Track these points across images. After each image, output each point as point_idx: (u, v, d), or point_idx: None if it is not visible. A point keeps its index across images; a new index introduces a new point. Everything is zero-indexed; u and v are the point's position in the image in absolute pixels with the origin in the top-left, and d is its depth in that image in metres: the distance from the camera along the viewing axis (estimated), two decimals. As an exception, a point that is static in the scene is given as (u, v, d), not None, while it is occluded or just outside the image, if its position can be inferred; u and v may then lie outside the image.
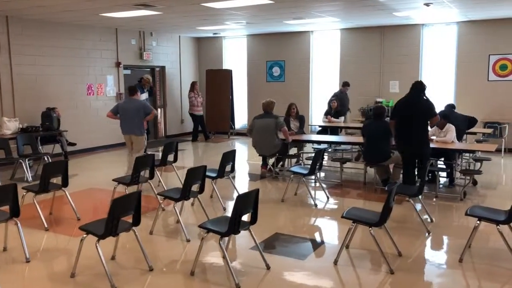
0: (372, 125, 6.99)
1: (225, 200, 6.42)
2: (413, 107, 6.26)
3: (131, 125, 7.54)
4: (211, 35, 13.44)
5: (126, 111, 7.56)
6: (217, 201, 6.25)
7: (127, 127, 7.59)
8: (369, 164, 7.07)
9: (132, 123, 7.52)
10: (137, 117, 7.50)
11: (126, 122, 7.56)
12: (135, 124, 7.51)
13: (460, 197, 6.49)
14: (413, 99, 6.34)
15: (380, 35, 11.61)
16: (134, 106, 7.55)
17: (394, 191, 4.25)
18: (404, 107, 6.35)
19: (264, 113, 7.86)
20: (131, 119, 7.50)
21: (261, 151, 7.85)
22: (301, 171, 6.35)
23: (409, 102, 6.35)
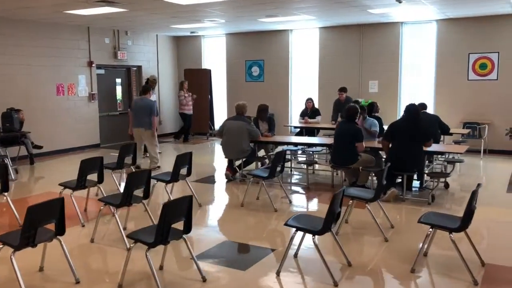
0: (342, 127, 6.70)
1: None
2: (412, 130, 6.11)
3: (140, 120, 8.37)
4: (188, 33, 13.14)
5: (136, 107, 8.52)
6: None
7: (137, 121, 8.43)
8: (335, 166, 6.78)
9: (142, 118, 8.35)
10: (146, 114, 8.35)
11: (137, 117, 8.42)
12: (144, 119, 8.34)
13: (428, 201, 6.21)
14: (412, 122, 6.16)
15: (359, 33, 11.33)
16: (144, 103, 8.46)
17: (341, 195, 3.96)
18: (401, 129, 6.15)
19: (237, 115, 7.57)
20: (141, 115, 8.35)
21: (228, 155, 7.55)
22: (261, 174, 6.06)
23: (407, 125, 6.15)
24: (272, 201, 6.22)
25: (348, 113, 6.64)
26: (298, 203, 6.32)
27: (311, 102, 10.71)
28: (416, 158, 6.15)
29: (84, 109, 11.22)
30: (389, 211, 5.92)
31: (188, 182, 6.13)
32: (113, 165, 6.60)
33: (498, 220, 5.68)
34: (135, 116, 8.45)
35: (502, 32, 9.87)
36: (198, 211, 6.01)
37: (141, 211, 5.36)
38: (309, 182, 7.39)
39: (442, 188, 7.03)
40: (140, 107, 8.42)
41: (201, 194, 7.02)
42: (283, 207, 6.14)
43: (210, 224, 5.58)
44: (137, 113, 8.42)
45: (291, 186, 7.35)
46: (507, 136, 9.66)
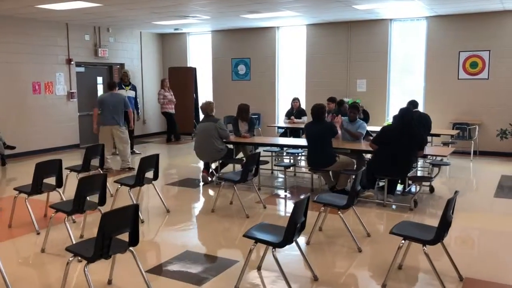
0: (313, 127, 6.35)
1: (150, 212, 5.78)
2: (406, 138, 5.77)
3: (114, 117, 7.99)
4: (174, 31, 12.78)
5: (107, 103, 8.04)
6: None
7: (109, 119, 8.01)
8: (312, 169, 6.43)
9: (115, 115, 8.00)
10: (120, 109, 8.04)
11: (109, 114, 8.00)
12: (118, 115, 8.02)
13: (410, 207, 5.87)
14: (406, 130, 5.81)
15: (346, 31, 10.98)
16: (116, 99, 8.08)
17: (303, 203, 3.61)
18: (395, 136, 5.82)
19: (205, 116, 7.21)
20: (114, 111, 7.98)
21: (201, 157, 7.21)
22: (233, 177, 5.70)
23: (401, 133, 5.81)
24: (246, 206, 5.87)
25: (315, 113, 6.28)
26: (272, 209, 5.96)
27: (297, 102, 10.37)
28: (406, 165, 5.80)
29: (62, 108, 10.85)
30: (368, 217, 5.60)
31: (155, 186, 5.76)
32: (78, 168, 6.24)
33: (481, 228, 5.34)
34: (107, 113, 8.04)
35: (493, 30, 9.53)
36: (166, 216, 5.66)
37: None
38: (287, 186, 7.04)
39: (427, 192, 6.70)
40: (112, 103, 8.02)
41: (172, 198, 6.70)
42: (256, 213, 5.78)
43: (174, 232, 5.21)
44: (109, 110, 8.02)
45: (269, 189, 6.99)
46: (498, 137, 9.33)
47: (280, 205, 6.29)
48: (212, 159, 7.16)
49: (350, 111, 7.04)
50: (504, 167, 8.64)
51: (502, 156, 9.53)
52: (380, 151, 5.93)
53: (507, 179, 7.64)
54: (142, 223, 5.34)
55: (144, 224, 5.32)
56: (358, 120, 7.11)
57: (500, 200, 6.37)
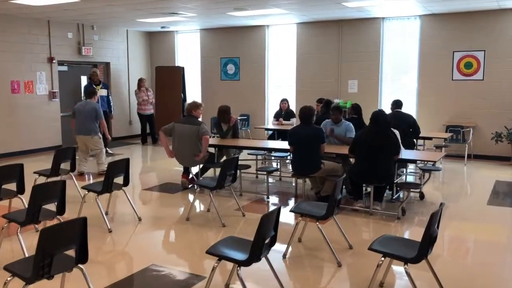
0: (300, 131, 6.00)
1: (119, 220, 5.42)
2: (379, 142, 5.44)
3: (86, 126, 7.73)
4: (161, 29, 12.41)
5: (80, 112, 7.80)
6: (100, 222, 5.18)
7: (81, 128, 7.77)
8: (297, 175, 6.08)
9: (87, 124, 7.72)
10: (91, 119, 7.74)
11: (81, 124, 7.77)
12: (90, 125, 7.74)
13: (397, 215, 5.52)
14: (380, 133, 5.49)
15: (338, 30, 10.64)
16: (89, 108, 7.79)
17: (272, 216, 3.27)
18: (367, 141, 5.48)
19: (187, 116, 6.81)
20: (86, 121, 7.72)
21: (181, 162, 6.82)
22: (209, 183, 5.34)
23: (374, 136, 5.48)
24: (223, 214, 5.54)
25: (304, 115, 5.94)
26: (252, 217, 5.60)
27: (286, 103, 10.04)
28: (383, 171, 5.45)
29: (43, 108, 10.48)
30: (352, 226, 5.27)
31: (125, 192, 5.40)
32: (47, 172, 5.89)
33: (472, 239, 5.00)
34: (79, 123, 7.78)
35: (488, 29, 9.20)
36: (136, 225, 5.30)
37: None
38: (270, 192, 6.70)
39: (417, 199, 6.36)
40: (85, 113, 7.75)
41: (147, 204, 6.35)
42: (234, 221, 5.43)
43: (141, 242, 4.83)
44: (81, 119, 7.75)
45: (252, 195, 6.64)
46: (493, 140, 9.00)
47: (260, 213, 5.90)
48: (193, 164, 6.80)
49: (333, 113, 6.68)
50: (498, 171, 8.30)
51: (497, 160, 9.20)
52: (357, 158, 5.59)
53: (501, 185, 7.30)
54: (110, 233, 4.99)
55: (111, 234, 4.97)
56: (343, 122, 6.76)
57: (493, 208, 6.03)
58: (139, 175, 8.43)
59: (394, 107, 7.66)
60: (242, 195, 6.56)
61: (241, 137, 11.40)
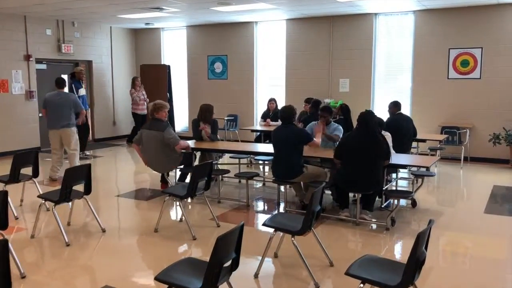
0: (280, 132, 5.53)
1: (81, 232, 4.94)
2: (368, 146, 4.98)
3: (60, 119, 7.13)
4: (146, 26, 11.92)
5: (55, 104, 7.18)
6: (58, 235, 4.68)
7: (55, 121, 7.16)
8: (277, 180, 5.60)
9: (63, 117, 7.14)
10: (68, 110, 7.20)
11: (55, 116, 7.16)
12: (66, 117, 7.17)
13: (386, 226, 5.05)
14: (369, 136, 5.02)
15: (329, 26, 10.17)
16: (64, 98, 7.24)
17: (233, 236, 2.79)
18: (354, 144, 5.03)
19: (152, 120, 6.12)
20: (61, 113, 7.14)
21: (154, 169, 6.29)
22: (179, 191, 4.86)
23: (362, 140, 5.02)
24: (197, 224, 5.08)
25: (284, 116, 5.48)
26: (227, 228, 5.10)
27: (273, 103, 9.56)
28: (371, 178, 4.99)
29: (20, 109, 9.99)
30: (336, 239, 4.81)
31: (88, 201, 4.92)
32: (5, 178, 5.40)
33: (467, 254, 4.53)
34: (53, 115, 7.18)
35: (486, 25, 8.73)
36: (100, 238, 4.82)
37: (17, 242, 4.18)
38: (252, 198, 6.22)
39: (409, 207, 5.90)
40: (59, 104, 7.16)
41: (116, 213, 5.88)
42: (207, 233, 4.95)
43: (98, 260, 4.31)
44: (56, 111, 7.15)
45: (231, 203, 6.15)
46: (491, 142, 8.54)
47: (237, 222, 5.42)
48: (167, 169, 6.30)
49: (321, 115, 6.21)
50: (497, 175, 7.85)
51: (495, 163, 8.74)
52: (343, 163, 5.13)
53: (499, 190, 6.84)
54: (68, 247, 4.51)
55: (68, 248, 4.48)
56: (332, 123, 6.31)
57: (491, 217, 5.57)
58: (116, 180, 7.97)
59: (394, 109, 7.20)
60: (220, 202, 6.09)
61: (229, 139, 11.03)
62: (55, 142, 7.29)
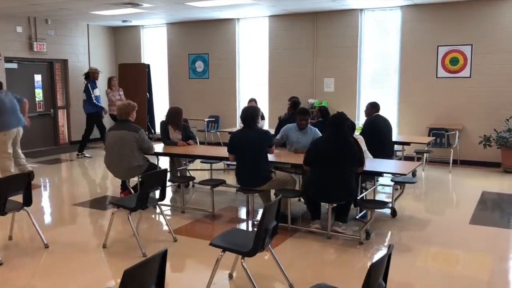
0: (242, 136, 5.07)
1: (21, 248, 4.46)
2: (339, 151, 4.52)
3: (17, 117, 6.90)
4: (123, 23, 11.43)
5: (5, 104, 6.80)
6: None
7: (13, 120, 6.85)
8: (243, 188, 5.13)
9: (17, 115, 6.92)
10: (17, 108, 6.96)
11: (12, 115, 6.85)
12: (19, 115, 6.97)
13: (360, 240, 4.59)
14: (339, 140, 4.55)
15: (312, 23, 9.69)
16: (11, 97, 6.97)
17: (160, 259, 2.33)
18: (324, 149, 4.57)
19: (120, 121, 5.71)
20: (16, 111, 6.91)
21: (114, 174, 5.80)
22: (128, 203, 4.38)
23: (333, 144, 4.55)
24: (151, 239, 4.63)
25: (246, 118, 5.03)
26: (185, 243, 4.65)
27: (254, 103, 9.05)
28: (343, 186, 4.53)
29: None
30: (302, 254, 4.36)
31: (29, 213, 4.43)
32: None
33: (447, 273, 4.06)
34: (10, 115, 6.79)
35: (476, 21, 8.26)
36: (42, 255, 4.34)
37: None
38: (217, 209, 5.74)
39: (388, 216, 5.43)
40: (11, 103, 6.84)
41: (65, 225, 5.38)
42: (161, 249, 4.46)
43: (33, 283, 3.86)
44: (11, 111, 6.81)
45: (195, 213, 5.68)
46: (481, 144, 8.08)
47: (198, 237, 4.94)
48: (128, 177, 5.81)
49: (299, 118, 5.72)
50: (486, 180, 7.39)
51: (486, 166, 8.28)
52: (313, 170, 4.67)
53: (488, 197, 6.39)
54: (1, 265, 4.03)
55: (1, 268, 4.01)
56: (310, 128, 5.82)
57: (476, 228, 5.11)
58: (79, 186, 7.48)
59: (373, 110, 6.74)
60: (184, 212, 5.62)
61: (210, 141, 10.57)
62: (8, 145, 6.78)
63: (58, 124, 11.12)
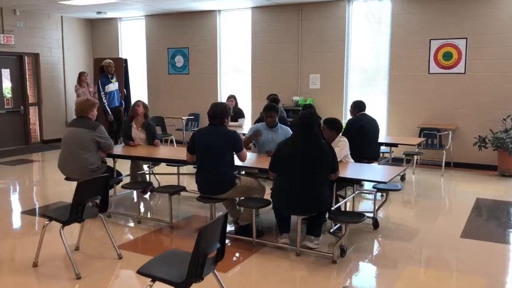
0: (206, 135, 4.45)
1: None
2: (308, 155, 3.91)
3: None
4: (98, 15, 10.77)
5: None
6: None
7: None
8: (203, 197, 4.51)
9: None
10: None
11: None
12: None
13: (333, 258, 3.97)
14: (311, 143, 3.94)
15: (297, 15, 9.07)
16: None
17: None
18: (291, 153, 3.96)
19: (78, 118, 5.22)
20: None
21: (66, 173, 5.23)
22: (59, 216, 3.75)
23: (303, 146, 3.94)
24: (94, 254, 4.01)
25: (214, 114, 4.42)
26: (131, 260, 4.02)
27: (233, 101, 8.44)
28: (313, 196, 3.91)
29: (-51, 107, 8.88)
30: (264, 276, 3.72)
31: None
32: None
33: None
34: None
35: (471, 12, 7.65)
36: (-39, 274, 3.72)
37: None
38: (178, 218, 5.12)
39: (370, 228, 4.82)
40: None
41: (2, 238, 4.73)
42: (100, 269, 3.85)
43: None
44: None
45: (152, 223, 5.04)
46: (476, 146, 7.48)
47: (149, 251, 4.30)
48: (79, 178, 5.16)
49: (265, 115, 5.17)
50: (482, 185, 6.79)
51: (481, 169, 7.68)
52: (279, 178, 4.06)
53: (482, 205, 5.79)
54: None
55: None
56: (280, 126, 5.24)
57: (467, 242, 4.50)
58: (38, 190, 6.87)
59: (357, 110, 6.15)
60: (141, 223, 5.00)
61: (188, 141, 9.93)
62: None
63: (29, 122, 10.47)
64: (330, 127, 4.72)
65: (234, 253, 4.19)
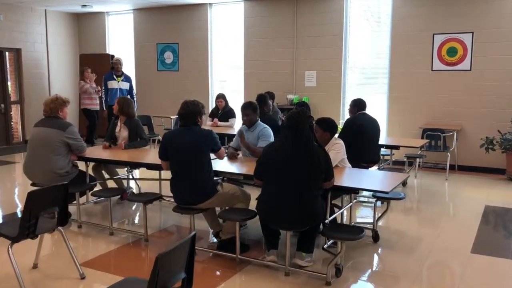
0: (177, 136, 3.94)
1: None
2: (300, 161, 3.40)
3: None
4: (83, 9, 10.23)
5: None
6: None
7: None
8: (180, 207, 3.99)
9: None
10: None
11: None
12: None
13: (327, 279, 3.46)
14: (302, 147, 3.42)
15: (292, 9, 8.56)
16: None
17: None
18: (282, 158, 3.44)
19: (46, 118, 4.74)
20: None
21: (32, 178, 4.72)
22: (8, 232, 3.23)
23: (292, 150, 3.42)
24: (52, 275, 3.47)
25: (186, 114, 3.92)
26: (93, 282, 3.51)
27: (222, 101, 7.93)
28: (304, 207, 3.40)
29: None
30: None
31: None
32: None
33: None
34: None
35: (478, 4, 7.15)
36: None
37: None
38: (153, 229, 4.61)
39: (369, 242, 4.31)
40: None
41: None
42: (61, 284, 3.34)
43: None
44: None
45: (127, 235, 4.53)
46: (483, 148, 6.98)
47: (117, 270, 3.79)
48: (47, 183, 4.64)
49: (244, 113, 4.69)
50: (490, 190, 6.29)
51: (488, 173, 7.19)
52: (265, 186, 3.55)
53: (492, 214, 5.29)
54: None
55: None
56: (259, 124, 4.75)
57: (479, 259, 3.99)
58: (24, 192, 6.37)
59: (356, 109, 5.64)
60: (113, 235, 4.48)
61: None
62: None
63: (10, 121, 9.95)
64: (323, 127, 4.22)
65: (214, 272, 3.69)
